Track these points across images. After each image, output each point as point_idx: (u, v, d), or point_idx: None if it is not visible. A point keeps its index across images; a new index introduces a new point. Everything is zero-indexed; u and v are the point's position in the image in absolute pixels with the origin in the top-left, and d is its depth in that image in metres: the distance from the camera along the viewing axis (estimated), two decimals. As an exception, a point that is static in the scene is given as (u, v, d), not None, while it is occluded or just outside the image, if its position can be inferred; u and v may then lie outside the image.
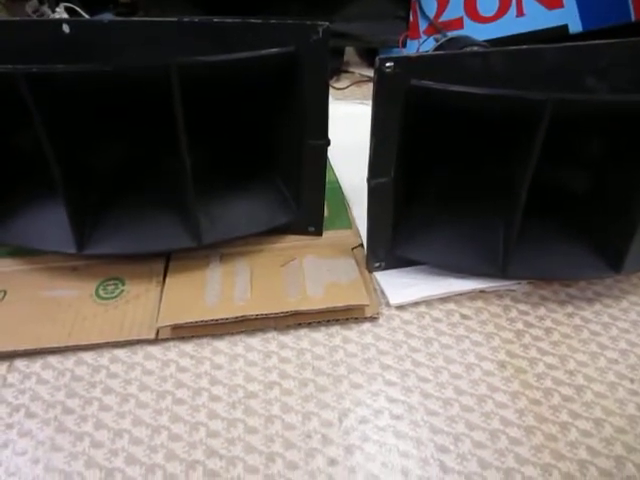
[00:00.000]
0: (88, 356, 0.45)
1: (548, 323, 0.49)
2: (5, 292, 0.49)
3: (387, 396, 0.43)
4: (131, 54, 0.42)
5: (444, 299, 0.51)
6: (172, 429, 0.40)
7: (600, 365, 0.45)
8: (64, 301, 0.48)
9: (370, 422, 0.41)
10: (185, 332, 0.47)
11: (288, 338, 0.47)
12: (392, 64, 0.40)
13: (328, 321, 0.48)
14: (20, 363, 0.44)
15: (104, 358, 0.45)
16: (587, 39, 0.43)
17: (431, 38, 0.80)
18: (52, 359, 0.45)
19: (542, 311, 0.51)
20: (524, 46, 0.43)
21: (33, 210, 0.51)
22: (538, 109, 0.39)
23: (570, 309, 0.51)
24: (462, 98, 0.42)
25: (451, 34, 0.74)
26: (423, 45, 0.83)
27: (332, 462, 0.38)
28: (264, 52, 0.43)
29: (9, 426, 0.40)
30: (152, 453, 0.38)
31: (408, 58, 0.41)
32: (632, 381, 0.44)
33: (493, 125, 0.48)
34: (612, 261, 0.49)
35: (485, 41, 0.71)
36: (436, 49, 0.71)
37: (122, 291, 0.50)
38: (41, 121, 0.41)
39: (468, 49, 0.64)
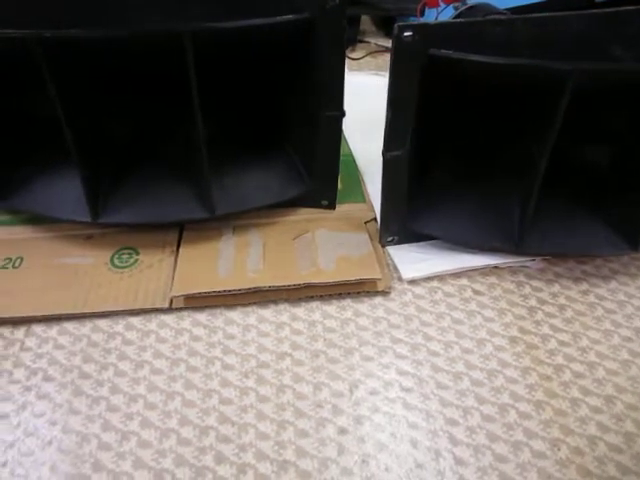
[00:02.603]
0: (103, 323, 0.46)
1: (562, 300, 0.49)
2: (22, 259, 0.50)
3: (397, 369, 0.43)
4: (144, 18, 0.41)
5: (457, 274, 0.51)
6: (186, 395, 0.41)
7: (614, 343, 0.45)
8: (80, 269, 0.49)
9: (380, 394, 0.41)
10: (198, 302, 0.47)
11: (300, 310, 0.47)
12: (411, 32, 0.39)
13: (340, 294, 0.49)
14: (37, 328, 0.45)
15: (119, 325, 0.46)
16: (612, 8, 0.41)
17: (450, 6, 0.77)
18: (68, 325, 0.46)
19: (556, 288, 0.50)
20: (548, 13, 0.42)
21: (49, 178, 0.51)
22: (562, 79, 0.38)
23: (585, 286, 0.50)
24: (483, 68, 0.41)
25: (471, 2, 0.72)
26: (442, 14, 0.81)
27: (342, 431, 0.39)
28: (279, 18, 0.42)
29: (27, 389, 0.41)
30: (166, 418, 0.39)
31: (427, 25, 0.40)
32: (645, 359, 0.44)
33: (513, 97, 0.46)
34: (630, 238, 0.49)
35: (507, 9, 0.68)
36: (456, 18, 0.69)
37: (136, 260, 0.50)
38: (54, 85, 0.40)
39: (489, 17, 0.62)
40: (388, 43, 0.96)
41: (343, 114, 0.49)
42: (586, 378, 0.42)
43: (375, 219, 0.55)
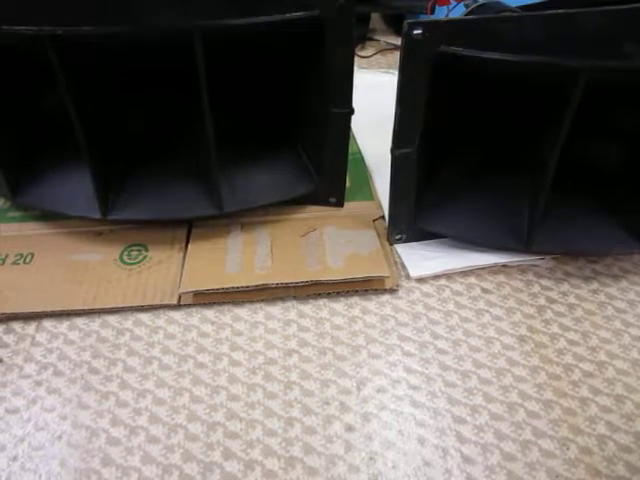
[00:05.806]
0: (113, 319, 0.46)
1: (571, 299, 0.49)
2: (33, 255, 0.50)
3: (405, 367, 0.43)
4: (155, 15, 0.42)
5: (465, 273, 0.51)
6: (193, 391, 0.41)
7: (624, 342, 0.45)
8: (89, 265, 0.49)
9: (388, 391, 0.41)
10: (206, 299, 0.47)
11: (307, 307, 0.48)
12: (421, 29, 0.39)
13: (347, 292, 0.49)
14: (48, 323, 0.46)
15: (128, 321, 0.46)
16: (624, 4, 0.41)
17: (461, 4, 0.77)
18: (78, 321, 0.46)
19: (565, 287, 0.50)
20: (559, 11, 0.41)
21: (59, 175, 0.51)
22: (573, 76, 0.38)
23: (595, 285, 0.50)
24: (493, 65, 0.40)
25: (482, 0, 0.71)
26: (452, 11, 0.80)
27: (349, 428, 0.39)
28: (289, 15, 0.42)
29: (38, 383, 0.41)
30: (174, 414, 0.39)
31: (438, 23, 0.40)
32: (656, 359, 0.43)
33: (523, 94, 0.46)
34: (641, 237, 0.48)
35: (518, 7, 0.68)
36: (466, 15, 0.68)
37: (145, 257, 0.50)
38: (66, 83, 0.41)
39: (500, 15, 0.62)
40: (398, 41, 0.95)
41: (352, 111, 0.49)
42: (596, 377, 0.42)
43: (383, 217, 0.55)
